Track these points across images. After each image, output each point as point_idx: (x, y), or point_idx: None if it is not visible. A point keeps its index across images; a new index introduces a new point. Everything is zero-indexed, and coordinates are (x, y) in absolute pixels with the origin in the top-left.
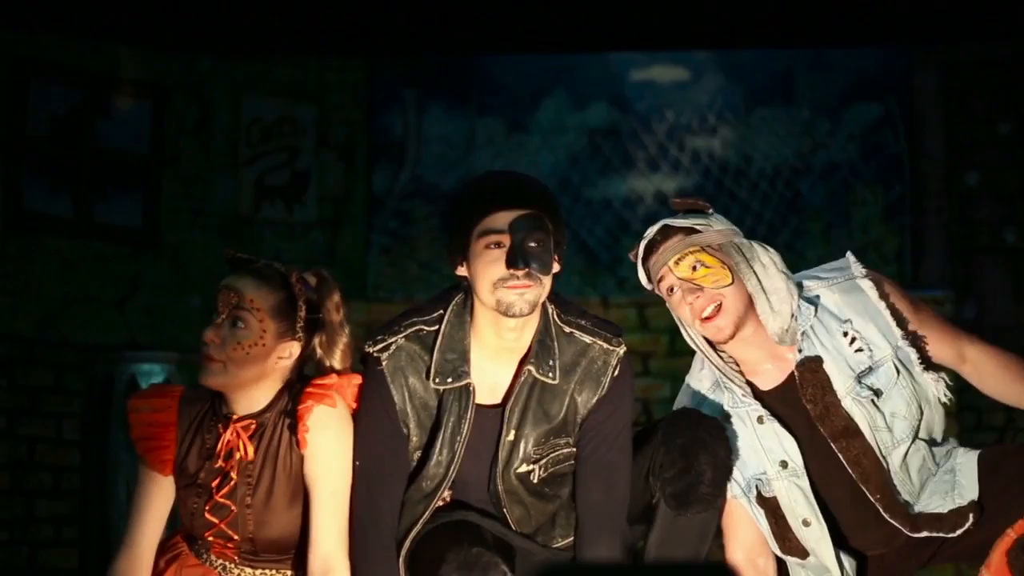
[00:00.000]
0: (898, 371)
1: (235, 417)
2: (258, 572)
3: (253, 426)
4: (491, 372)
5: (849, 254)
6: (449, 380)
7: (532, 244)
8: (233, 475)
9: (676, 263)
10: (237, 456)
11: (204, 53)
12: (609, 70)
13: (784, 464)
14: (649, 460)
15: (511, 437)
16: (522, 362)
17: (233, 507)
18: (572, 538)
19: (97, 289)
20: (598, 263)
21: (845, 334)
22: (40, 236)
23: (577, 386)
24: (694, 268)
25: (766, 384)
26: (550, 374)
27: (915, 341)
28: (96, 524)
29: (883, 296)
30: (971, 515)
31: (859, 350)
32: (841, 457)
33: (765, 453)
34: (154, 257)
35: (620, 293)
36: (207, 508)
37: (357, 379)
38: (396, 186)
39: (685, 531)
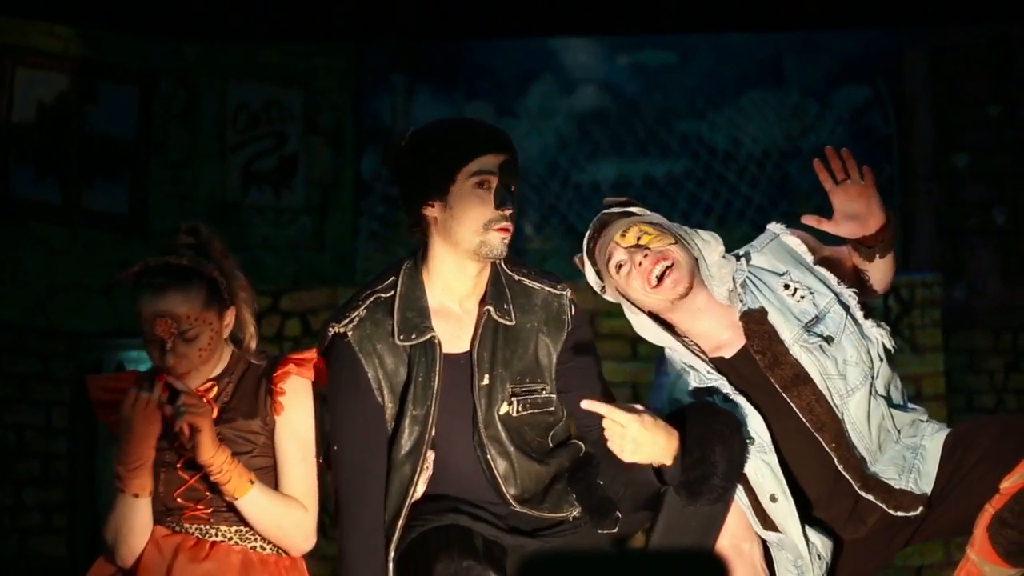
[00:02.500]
0: (845, 316)
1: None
2: (233, 530)
3: (215, 389)
4: (454, 321)
5: (773, 223)
6: (413, 336)
7: (513, 188)
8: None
9: (622, 235)
10: None
11: (191, 38)
12: (598, 54)
13: (751, 440)
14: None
15: (485, 381)
16: (481, 305)
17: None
18: (563, 514)
19: (85, 276)
20: None
21: (786, 286)
22: (27, 223)
23: (544, 327)
24: (639, 237)
25: (730, 352)
26: (507, 317)
27: (855, 282)
28: (85, 511)
29: (811, 249)
30: (920, 507)
31: (802, 298)
32: (793, 406)
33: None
34: (142, 243)
35: None
36: (178, 466)
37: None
38: (384, 171)
39: (692, 521)
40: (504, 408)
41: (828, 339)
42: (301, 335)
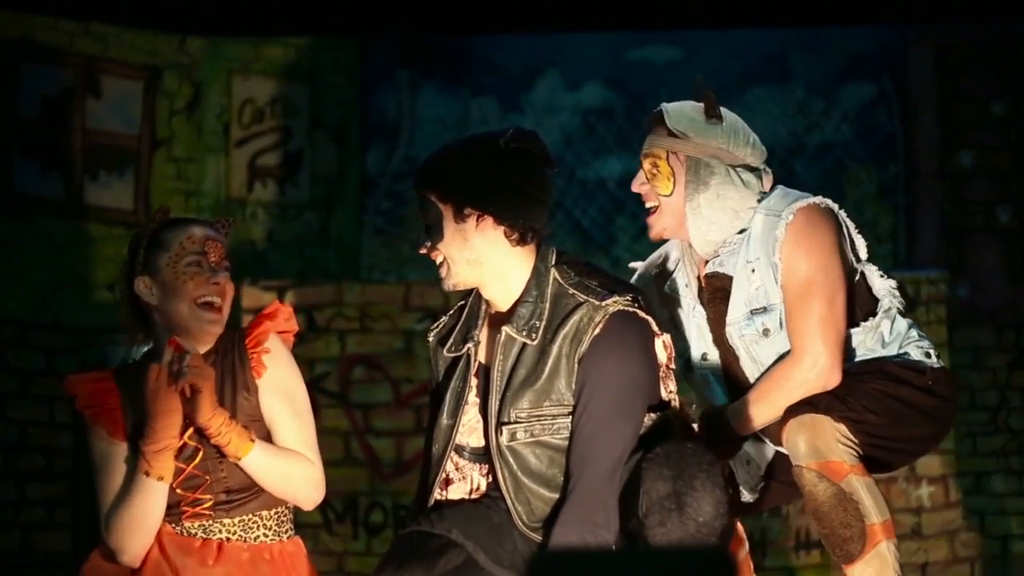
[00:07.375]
0: (781, 324)
1: None
2: (236, 520)
3: None
4: (492, 333)
5: (798, 204)
6: (460, 347)
7: (427, 222)
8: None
9: (643, 155)
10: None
11: (196, 33)
12: (603, 49)
13: (704, 356)
14: (636, 500)
15: (497, 398)
16: (492, 320)
17: (200, 448)
18: None
19: (89, 271)
20: (592, 243)
21: (754, 271)
22: (31, 218)
23: (567, 347)
24: (650, 167)
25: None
26: (532, 335)
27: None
28: (89, 506)
29: (784, 253)
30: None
31: (757, 288)
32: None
33: (697, 338)
34: None
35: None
36: (175, 456)
37: (289, 309)
38: (390, 167)
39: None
40: (505, 433)
41: (766, 332)
42: (306, 330)
